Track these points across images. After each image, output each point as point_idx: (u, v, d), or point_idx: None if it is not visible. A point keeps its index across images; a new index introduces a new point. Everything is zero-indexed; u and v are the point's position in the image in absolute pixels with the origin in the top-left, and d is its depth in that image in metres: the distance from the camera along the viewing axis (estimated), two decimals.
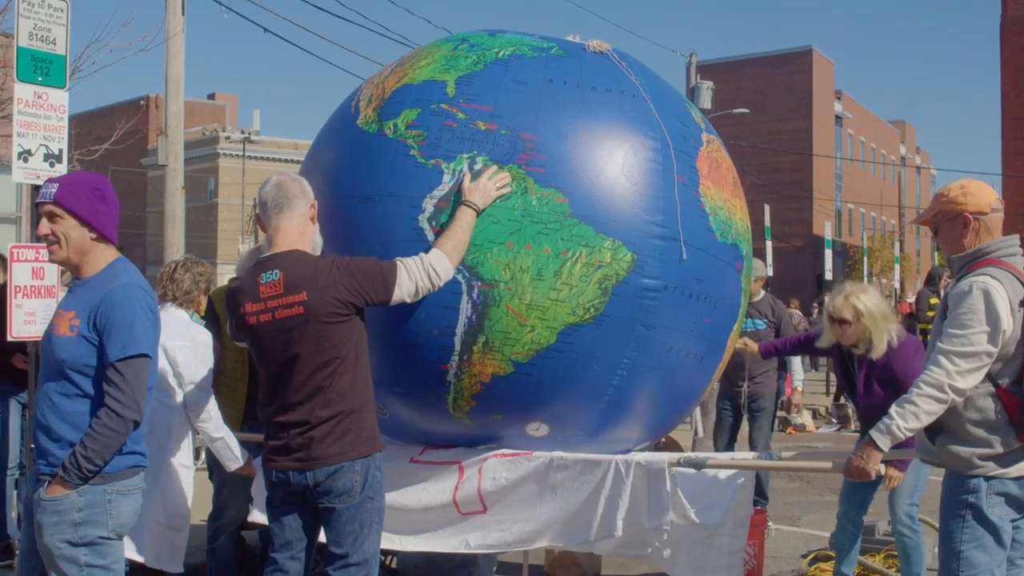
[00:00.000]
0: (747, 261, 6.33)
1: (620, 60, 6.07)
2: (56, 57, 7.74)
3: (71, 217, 4.81)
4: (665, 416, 6.31)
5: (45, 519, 4.67)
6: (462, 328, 5.54)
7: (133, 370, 4.70)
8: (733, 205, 6.16)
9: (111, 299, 4.73)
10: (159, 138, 17.44)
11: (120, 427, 4.65)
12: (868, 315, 6.80)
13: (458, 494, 6.14)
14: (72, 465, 4.61)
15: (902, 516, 7.29)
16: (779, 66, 73.24)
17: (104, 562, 4.77)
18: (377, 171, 5.69)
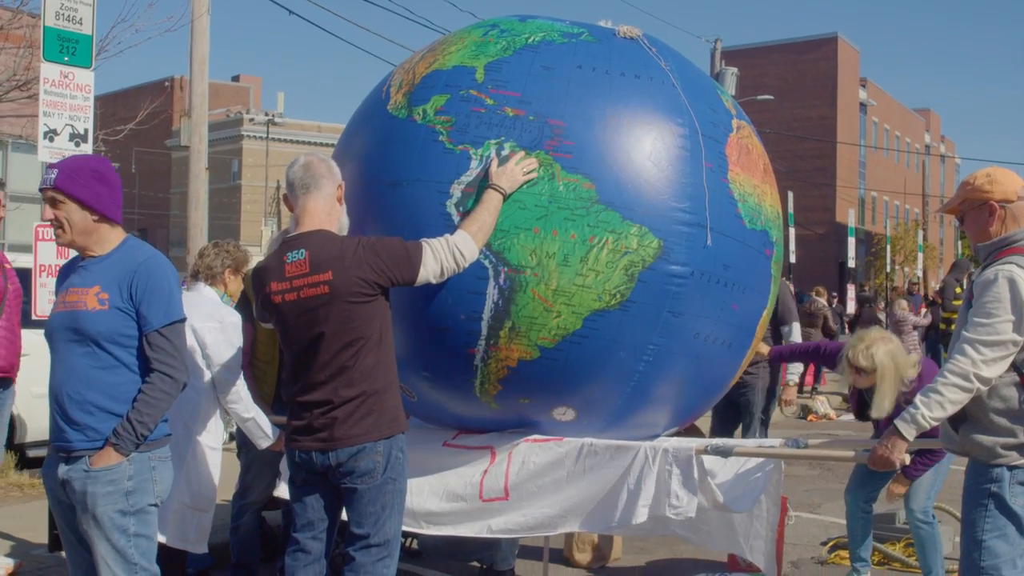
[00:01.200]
0: (777, 247, 6.31)
1: (650, 46, 6.06)
2: (82, 37, 7.77)
3: (71, 201, 4.89)
4: (692, 402, 6.30)
5: (99, 489, 4.74)
6: (489, 313, 5.55)
7: (177, 333, 4.90)
8: (763, 191, 6.14)
9: (146, 269, 4.86)
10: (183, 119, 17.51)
11: (173, 389, 4.84)
12: (881, 370, 6.76)
13: (485, 478, 6.16)
14: (127, 431, 4.73)
15: (918, 512, 7.32)
16: (804, 53, 72.96)
17: (148, 531, 4.88)
18: (406, 156, 5.72)
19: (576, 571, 8.25)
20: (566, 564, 8.30)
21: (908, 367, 6.79)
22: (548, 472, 6.10)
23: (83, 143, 7.73)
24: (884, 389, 6.71)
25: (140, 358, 4.85)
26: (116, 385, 4.80)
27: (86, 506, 4.76)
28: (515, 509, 6.19)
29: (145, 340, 4.83)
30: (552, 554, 7.98)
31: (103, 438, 4.75)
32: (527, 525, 6.20)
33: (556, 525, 6.19)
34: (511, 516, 6.20)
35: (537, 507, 6.16)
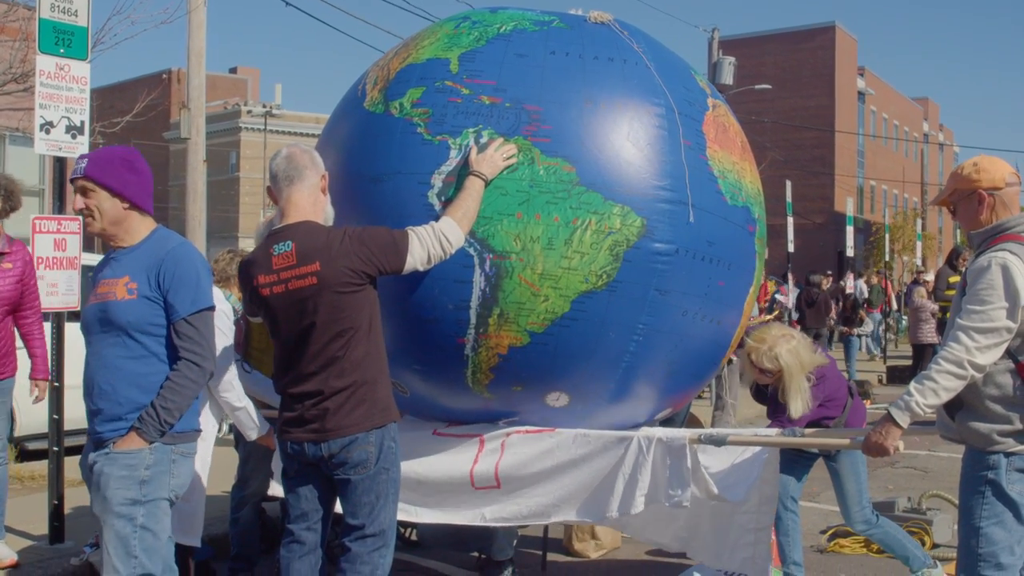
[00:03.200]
0: (760, 224, 6.34)
1: (622, 30, 6.12)
2: (78, 29, 7.76)
3: (102, 190, 4.90)
4: (684, 382, 6.33)
5: (114, 471, 4.74)
6: (476, 301, 5.58)
7: (205, 322, 4.89)
8: (742, 168, 6.19)
9: (174, 258, 4.86)
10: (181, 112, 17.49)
11: (200, 378, 4.83)
12: (788, 369, 6.74)
13: (476, 467, 6.17)
14: (151, 417, 4.73)
15: (859, 524, 7.23)
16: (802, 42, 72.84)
17: (156, 527, 4.83)
18: (385, 150, 5.76)
19: (575, 560, 8.26)
20: (565, 554, 8.32)
21: (812, 361, 6.80)
22: (540, 461, 6.12)
23: (80, 135, 7.74)
24: (793, 388, 6.71)
25: (169, 347, 4.86)
26: (146, 375, 4.81)
27: (99, 486, 4.78)
28: (508, 497, 6.21)
29: (172, 328, 4.83)
30: (551, 544, 8.00)
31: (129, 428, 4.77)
32: (521, 514, 6.22)
33: (550, 514, 6.21)
34: (504, 504, 6.22)
35: (531, 496, 6.18)
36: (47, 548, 7.63)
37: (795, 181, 25.72)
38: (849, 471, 7.06)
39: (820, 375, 6.81)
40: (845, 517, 7.26)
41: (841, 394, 6.98)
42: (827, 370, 6.92)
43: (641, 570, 7.84)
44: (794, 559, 7.20)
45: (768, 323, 7.22)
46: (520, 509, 6.21)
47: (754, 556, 6.56)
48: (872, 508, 7.19)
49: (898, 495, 9.63)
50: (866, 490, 7.12)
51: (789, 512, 7.19)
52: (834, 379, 6.98)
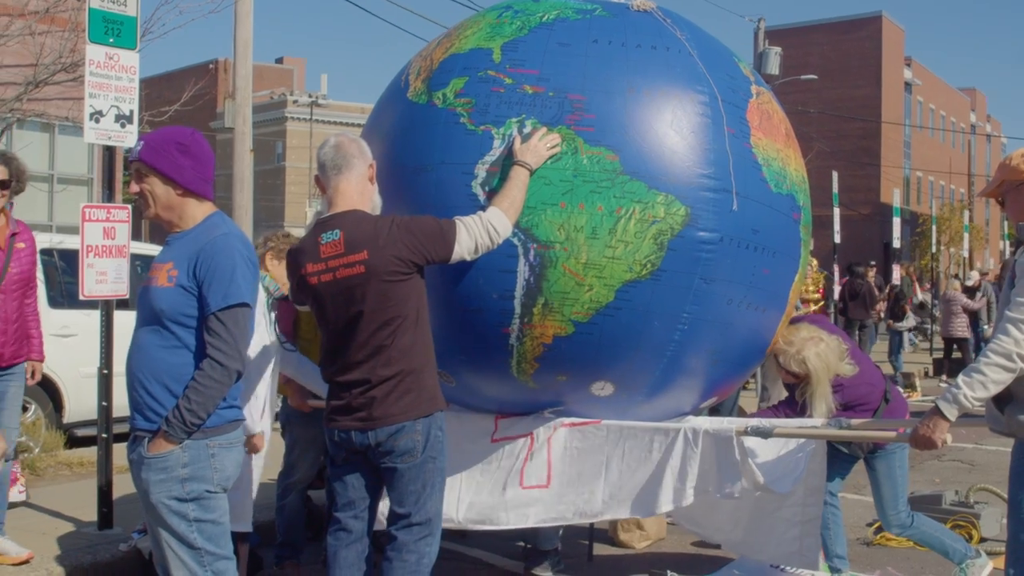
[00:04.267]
0: (804, 211, 6.31)
1: (665, 17, 6.11)
2: (127, 18, 7.80)
3: (155, 174, 4.79)
4: (729, 371, 6.32)
5: (152, 476, 4.64)
6: (521, 291, 5.59)
7: (235, 319, 4.66)
8: (786, 155, 6.16)
9: (212, 248, 4.68)
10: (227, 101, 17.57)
11: (224, 378, 4.63)
12: (815, 374, 6.66)
13: (527, 465, 6.19)
14: (176, 419, 4.57)
15: (895, 528, 7.17)
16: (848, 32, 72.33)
17: (212, 516, 4.75)
18: (429, 141, 5.78)
19: (621, 551, 8.25)
20: (611, 544, 8.31)
21: (841, 365, 6.72)
22: (589, 457, 6.13)
23: (129, 124, 7.78)
24: (819, 393, 6.62)
25: (202, 341, 4.67)
26: (177, 366, 4.66)
27: (143, 491, 4.71)
28: (556, 496, 6.21)
29: (204, 323, 4.66)
30: (596, 534, 8.00)
31: (160, 420, 4.64)
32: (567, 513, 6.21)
33: (598, 513, 6.21)
34: (553, 505, 6.23)
35: (579, 494, 6.17)
36: (96, 534, 7.70)
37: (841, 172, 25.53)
38: (885, 474, 6.99)
39: (838, 384, 6.73)
40: (881, 519, 7.21)
41: (873, 399, 6.88)
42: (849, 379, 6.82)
43: (687, 561, 7.82)
44: (837, 552, 7.16)
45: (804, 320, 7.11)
46: (567, 509, 6.22)
47: (801, 549, 6.54)
48: (908, 511, 7.11)
49: (945, 488, 9.56)
50: (902, 493, 7.06)
51: (830, 506, 7.13)
52: (860, 386, 6.88)
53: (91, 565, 7.16)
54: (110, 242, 7.61)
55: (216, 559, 4.76)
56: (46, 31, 13.64)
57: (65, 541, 7.56)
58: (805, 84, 50.77)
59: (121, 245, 7.66)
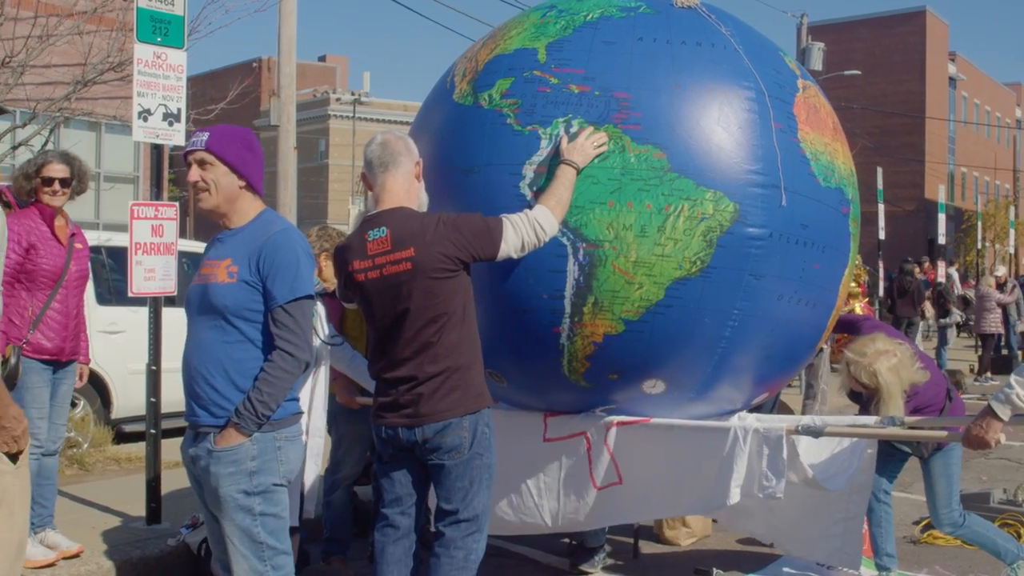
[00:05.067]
0: (853, 205, 6.28)
1: (709, 14, 6.09)
2: (174, 18, 7.85)
3: (222, 164, 4.82)
4: (780, 367, 6.30)
5: (221, 470, 4.67)
6: (571, 290, 5.59)
7: (302, 311, 4.73)
8: (834, 149, 6.13)
9: (274, 243, 4.73)
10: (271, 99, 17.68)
11: (295, 368, 4.69)
12: (886, 387, 6.60)
13: (593, 467, 6.21)
14: (248, 411, 4.62)
15: (947, 527, 7.11)
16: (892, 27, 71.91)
17: (275, 510, 4.77)
18: (476, 142, 5.79)
19: (666, 549, 8.24)
20: (656, 541, 8.30)
21: (912, 380, 6.65)
22: (641, 456, 6.13)
23: (176, 123, 7.82)
24: (890, 407, 6.54)
25: (266, 335, 4.72)
26: (241, 361, 4.70)
27: (211, 485, 4.73)
28: (623, 496, 6.23)
29: (270, 316, 4.70)
30: (642, 531, 8.01)
31: (227, 415, 4.67)
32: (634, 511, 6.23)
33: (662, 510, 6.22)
34: (619, 504, 6.25)
35: (638, 492, 6.19)
36: (144, 529, 7.75)
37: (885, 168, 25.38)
38: (941, 472, 6.95)
39: (914, 391, 6.70)
40: (933, 518, 7.16)
41: (939, 399, 6.85)
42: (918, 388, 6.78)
43: (732, 559, 7.80)
44: (887, 551, 7.12)
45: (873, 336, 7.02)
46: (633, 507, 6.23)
47: (843, 546, 6.52)
48: (960, 510, 7.07)
49: (993, 487, 9.51)
50: (956, 492, 7.01)
51: (882, 504, 7.11)
52: (928, 388, 6.83)
53: (140, 559, 7.21)
54: (158, 239, 7.66)
55: (276, 553, 4.79)
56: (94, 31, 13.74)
57: (114, 535, 7.62)
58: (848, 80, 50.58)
59: (169, 242, 7.71)
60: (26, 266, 6.77)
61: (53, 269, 6.92)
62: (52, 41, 13.08)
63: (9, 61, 12.45)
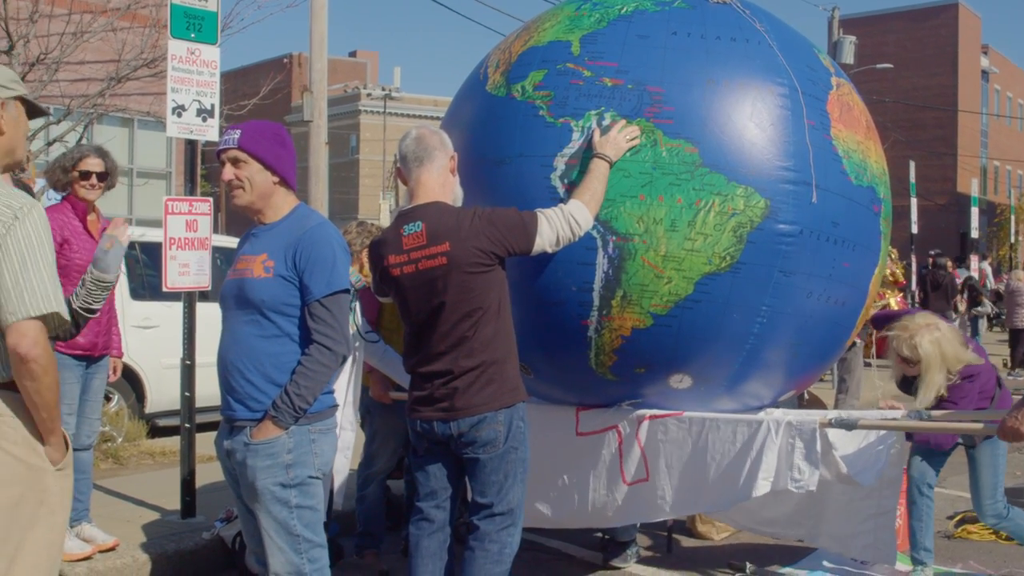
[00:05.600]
0: (885, 204, 6.25)
1: (744, 9, 6.08)
2: (208, 14, 7.89)
3: (255, 161, 4.83)
4: (807, 364, 6.28)
5: (258, 463, 4.70)
6: (599, 283, 5.60)
7: (339, 305, 4.75)
8: (867, 148, 6.11)
9: (311, 238, 4.74)
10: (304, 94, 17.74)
11: (332, 362, 4.71)
12: (927, 360, 6.61)
13: (624, 461, 6.21)
14: (285, 404, 4.65)
15: (990, 518, 7.08)
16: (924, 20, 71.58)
17: (311, 502, 4.80)
18: (508, 133, 5.80)
19: (699, 543, 8.24)
20: (688, 535, 8.30)
21: (958, 357, 6.65)
22: (674, 450, 6.13)
23: (210, 118, 7.86)
24: (929, 380, 6.56)
25: (302, 329, 4.74)
26: (278, 355, 4.73)
27: (247, 478, 4.76)
28: (653, 492, 6.22)
29: (307, 310, 4.71)
30: (675, 525, 8.00)
31: (263, 408, 4.70)
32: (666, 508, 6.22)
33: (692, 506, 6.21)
34: (652, 501, 6.25)
35: (672, 487, 6.17)
36: (179, 522, 7.79)
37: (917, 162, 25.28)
38: (988, 461, 6.92)
39: (969, 374, 6.67)
40: (976, 508, 7.12)
41: (989, 387, 6.84)
42: (980, 368, 6.77)
43: (765, 553, 7.79)
44: (925, 545, 7.09)
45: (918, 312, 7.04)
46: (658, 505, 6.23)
47: (876, 542, 6.50)
48: (1005, 502, 7.04)
49: None
50: (1001, 483, 6.98)
51: (924, 498, 7.07)
52: (984, 371, 6.82)
53: (175, 552, 7.26)
54: (192, 234, 7.69)
55: (312, 546, 4.81)
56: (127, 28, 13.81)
57: (149, 529, 7.67)
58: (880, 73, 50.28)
59: (203, 237, 7.74)
60: (60, 261, 6.77)
61: (86, 264, 6.95)
62: (86, 38, 13.16)
63: (44, 58, 12.53)
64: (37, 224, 3.91)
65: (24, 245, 3.85)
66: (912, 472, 7.05)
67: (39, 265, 3.87)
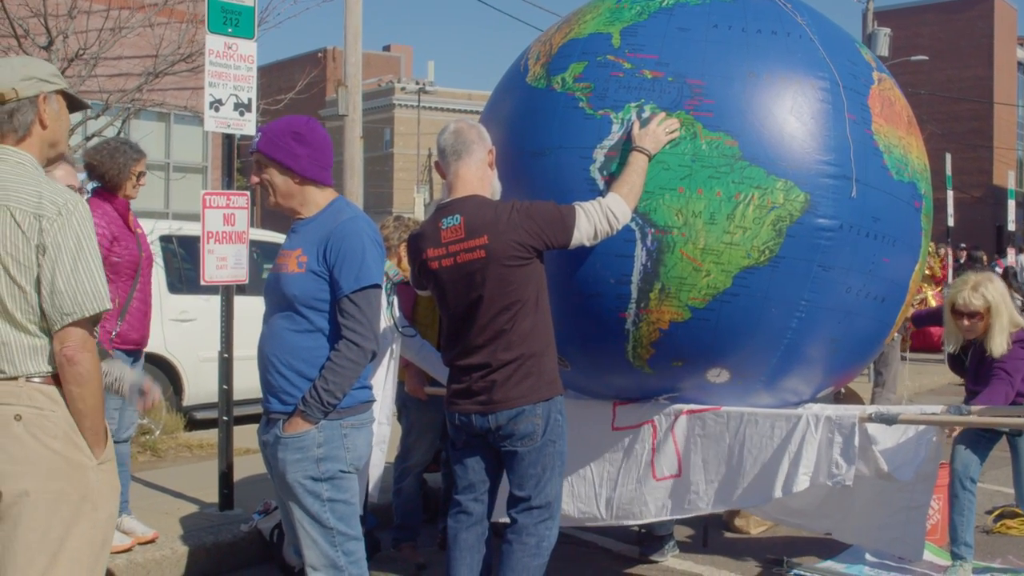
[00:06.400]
0: (926, 200, 6.21)
1: (785, 3, 6.05)
2: (245, 8, 7.91)
3: (273, 164, 4.85)
4: (846, 360, 6.25)
5: (288, 456, 4.72)
6: (638, 275, 5.59)
7: (368, 300, 4.72)
8: (908, 143, 6.08)
9: (341, 233, 4.73)
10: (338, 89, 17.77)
11: (360, 358, 4.69)
12: (995, 306, 6.60)
13: (656, 456, 6.20)
14: (313, 399, 4.65)
15: None
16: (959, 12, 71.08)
17: (344, 496, 4.81)
18: (547, 125, 5.80)
19: (736, 536, 8.23)
20: (725, 529, 8.29)
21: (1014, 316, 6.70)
22: (711, 445, 6.11)
23: (247, 112, 7.89)
24: (999, 324, 6.61)
25: (334, 324, 4.74)
26: (310, 349, 4.73)
27: (279, 471, 4.78)
28: (685, 488, 6.21)
29: (337, 306, 4.71)
30: (711, 519, 7.98)
31: (295, 402, 4.71)
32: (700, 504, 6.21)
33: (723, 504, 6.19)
34: (682, 496, 6.23)
35: (708, 482, 6.16)
36: (217, 514, 7.84)
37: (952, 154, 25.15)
38: None
39: (1020, 338, 6.68)
40: (1019, 499, 7.10)
41: None
42: None
43: (802, 546, 7.77)
44: (966, 540, 7.03)
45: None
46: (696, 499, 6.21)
47: (904, 535, 6.46)
48: None
49: None
50: None
51: (967, 492, 7.02)
52: None
53: (213, 545, 7.31)
54: (230, 228, 7.72)
55: (347, 539, 4.82)
56: (165, 23, 13.88)
57: (188, 521, 7.72)
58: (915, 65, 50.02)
59: (241, 231, 7.77)
60: (111, 258, 6.81)
61: (132, 259, 7.01)
62: (124, 34, 13.24)
63: (82, 54, 12.60)
64: (84, 221, 3.95)
65: (74, 244, 3.88)
66: (955, 465, 7.01)
67: (89, 263, 3.91)
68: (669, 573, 7.40)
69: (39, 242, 3.85)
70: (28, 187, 3.92)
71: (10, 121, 4.06)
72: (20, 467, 3.84)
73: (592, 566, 7.55)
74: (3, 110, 4.06)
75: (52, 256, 3.84)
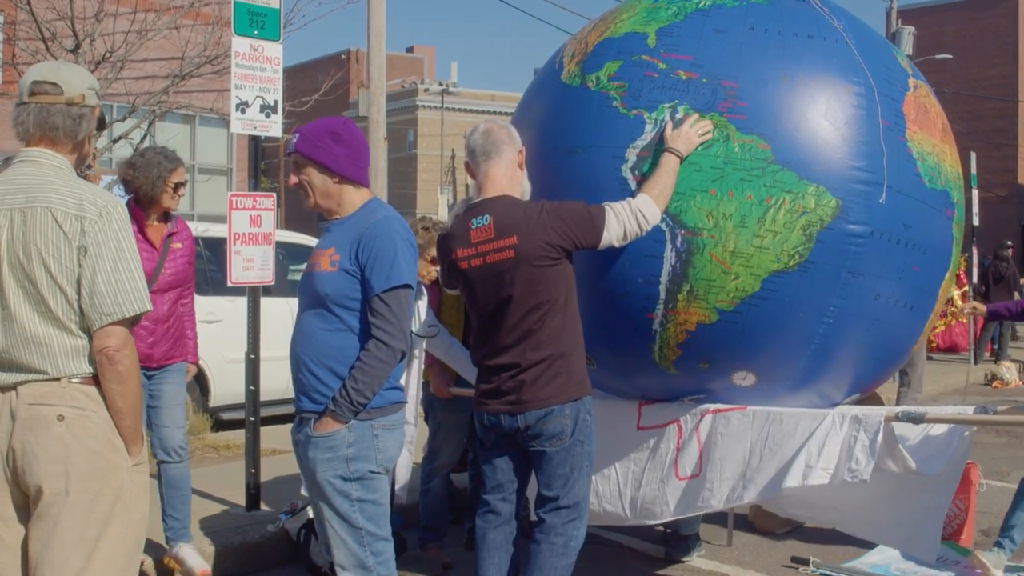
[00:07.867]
0: (958, 209, 6.17)
1: (822, 7, 6.02)
2: (271, 11, 7.94)
3: (312, 164, 4.88)
4: (874, 367, 6.22)
5: (318, 455, 4.74)
6: (666, 276, 5.58)
7: (398, 300, 4.73)
8: (942, 151, 6.04)
9: (373, 232, 4.75)
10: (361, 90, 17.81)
11: (389, 357, 4.70)
12: None
13: (680, 456, 6.20)
14: (343, 398, 4.66)
15: None
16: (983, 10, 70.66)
17: (374, 496, 4.82)
18: (581, 123, 5.80)
19: (761, 536, 8.22)
20: (750, 529, 8.29)
21: None
22: (733, 443, 6.10)
23: (273, 114, 7.92)
24: None
25: (365, 323, 4.75)
26: (341, 348, 4.75)
27: (309, 470, 4.82)
28: (701, 484, 6.20)
29: (368, 305, 4.73)
30: (736, 519, 7.99)
31: (326, 401, 4.73)
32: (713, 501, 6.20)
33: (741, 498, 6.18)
34: (699, 494, 6.22)
35: (724, 480, 6.14)
36: (244, 515, 7.87)
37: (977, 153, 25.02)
38: None
39: None
40: None
41: None
42: None
43: (828, 547, 7.77)
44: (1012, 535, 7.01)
45: None
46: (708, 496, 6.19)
47: (918, 534, 6.40)
48: None
49: None
50: None
51: None
52: None
53: (241, 544, 7.35)
54: (256, 230, 7.74)
55: (376, 539, 4.83)
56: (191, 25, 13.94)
57: (215, 521, 7.76)
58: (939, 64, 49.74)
59: (267, 232, 7.80)
60: None
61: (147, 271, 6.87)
62: (150, 36, 13.32)
63: (109, 57, 12.67)
64: (124, 222, 3.99)
65: (114, 244, 3.92)
66: None
67: (129, 264, 3.94)
68: (695, 573, 7.40)
69: (80, 243, 3.88)
70: (68, 189, 3.95)
71: (76, 126, 4.08)
72: (61, 467, 3.88)
73: (617, 566, 7.56)
74: (73, 112, 4.07)
75: (93, 257, 3.87)
